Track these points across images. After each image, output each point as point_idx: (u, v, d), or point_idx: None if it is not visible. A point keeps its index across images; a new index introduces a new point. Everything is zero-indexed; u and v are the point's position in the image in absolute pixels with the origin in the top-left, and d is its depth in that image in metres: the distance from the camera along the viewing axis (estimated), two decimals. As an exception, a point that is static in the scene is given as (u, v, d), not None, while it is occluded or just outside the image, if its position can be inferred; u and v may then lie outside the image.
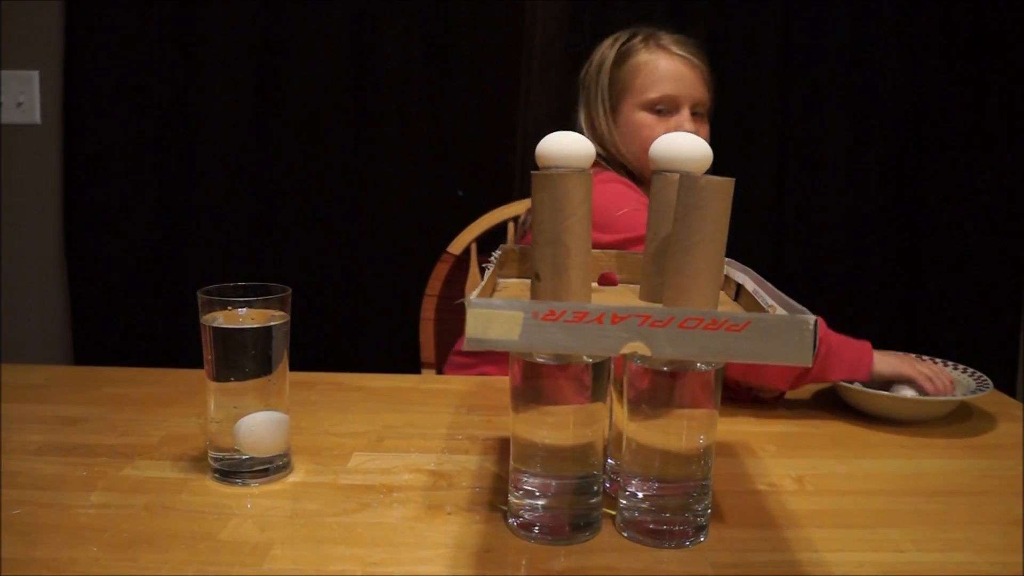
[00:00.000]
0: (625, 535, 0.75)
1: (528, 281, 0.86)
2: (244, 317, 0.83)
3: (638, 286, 0.85)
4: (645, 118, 1.38)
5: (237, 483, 0.83)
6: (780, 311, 0.68)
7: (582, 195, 0.69)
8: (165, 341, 1.98)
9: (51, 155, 2.02)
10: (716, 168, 0.77)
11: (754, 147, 2.00)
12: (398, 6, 1.93)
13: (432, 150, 1.91)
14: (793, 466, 0.93)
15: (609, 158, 1.42)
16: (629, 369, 0.73)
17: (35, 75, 2.00)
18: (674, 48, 1.40)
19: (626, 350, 0.62)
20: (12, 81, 2.00)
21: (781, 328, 0.62)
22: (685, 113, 1.38)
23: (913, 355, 1.17)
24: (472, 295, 0.65)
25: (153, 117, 1.97)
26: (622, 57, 1.41)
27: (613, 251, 0.91)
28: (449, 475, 0.87)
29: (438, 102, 1.96)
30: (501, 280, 0.87)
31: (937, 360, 1.18)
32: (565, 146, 0.70)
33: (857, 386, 1.09)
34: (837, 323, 1.12)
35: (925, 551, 0.75)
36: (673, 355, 0.63)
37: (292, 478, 0.86)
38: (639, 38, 1.41)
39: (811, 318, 0.62)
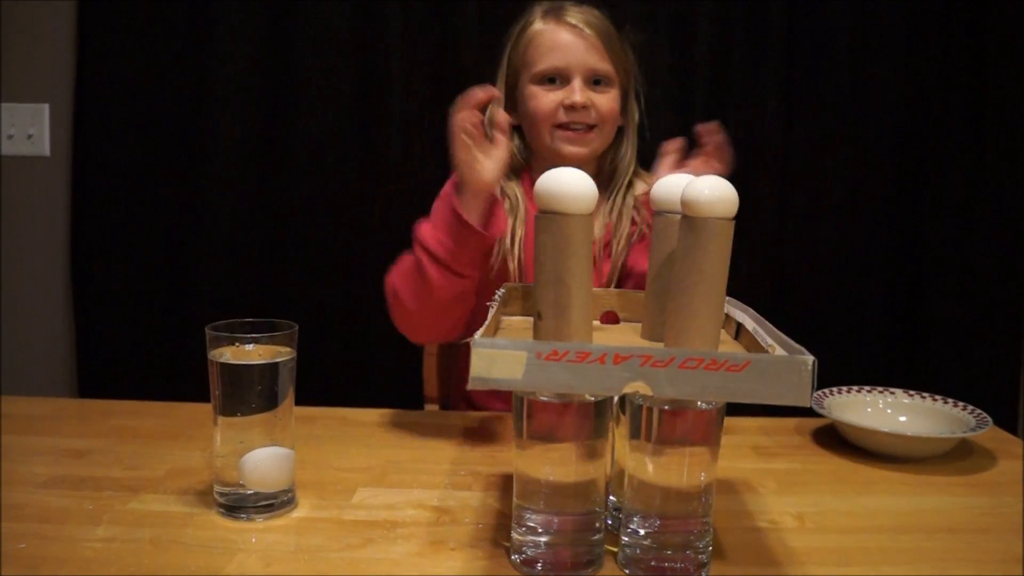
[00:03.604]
0: (627, 572, 0.75)
1: (530, 319, 0.88)
2: (251, 353, 0.84)
3: (639, 324, 0.87)
4: (535, 90, 1.33)
5: (242, 518, 0.84)
6: (780, 351, 0.69)
7: (584, 236, 0.70)
8: (170, 373, 1.98)
9: (60, 187, 2.04)
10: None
11: (754, 180, 2.01)
12: (406, 41, 1.96)
13: (438, 185, 1.92)
14: (794, 503, 0.93)
15: None
16: (630, 406, 0.74)
17: (45, 108, 2.03)
18: (569, 18, 1.33)
19: (628, 390, 0.63)
20: (23, 113, 2.03)
21: (780, 369, 0.63)
22: (576, 83, 1.30)
23: None
24: (476, 334, 0.66)
25: (161, 150, 1.99)
26: (520, 32, 1.37)
27: (615, 290, 0.92)
28: (452, 511, 0.88)
29: (444, 136, 1.97)
30: (504, 318, 0.88)
31: (937, 397, 1.19)
32: (565, 184, 0.71)
33: (856, 423, 1.10)
34: (837, 358, 1.13)
35: (925, 590, 0.76)
36: (674, 395, 0.64)
37: (297, 513, 0.86)
38: (539, 10, 1.37)
39: (809, 359, 0.63)
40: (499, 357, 0.63)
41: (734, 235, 0.71)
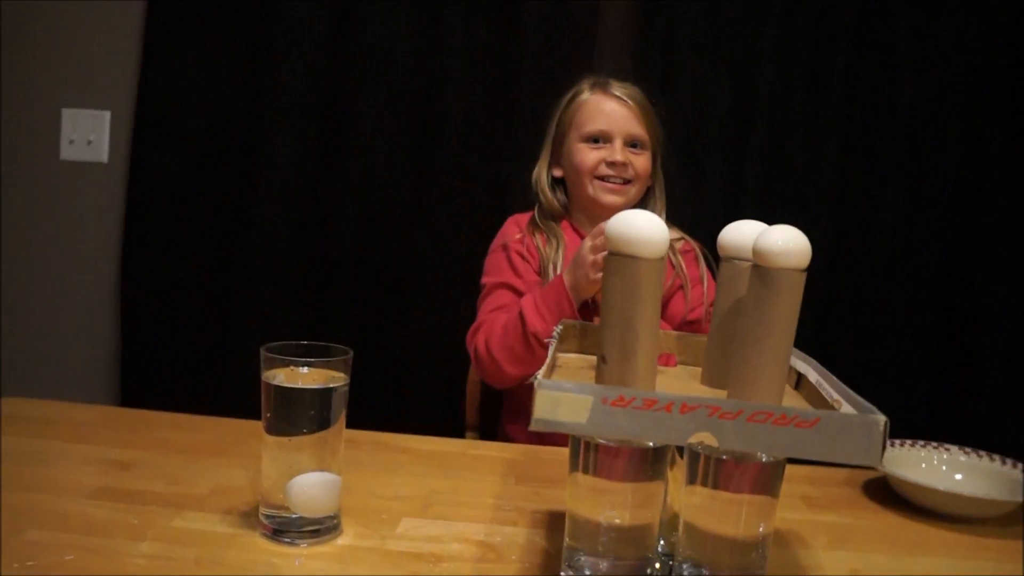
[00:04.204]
0: (676, 623, 0.73)
1: (586, 356, 0.87)
2: (305, 376, 0.84)
3: (697, 368, 0.85)
4: (581, 147, 1.56)
5: (286, 542, 0.83)
6: (846, 406, 0.67)
7: (654, 281, 0.69)
8: (212, 386, 1.99)
9: (115, 194, 2.06)
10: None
11: (808, 224, 1.99)
12: (464, 62, 1.96)
13: (491, 210, 1.92)
14: (846, 559, 0.91)
15: (543, 201, 1.62)
16: (689, 452, 0.72)
17: (106, 115, 2.06)
18: (613, 90, 1.58)
19: (693, 439, 0.62)
20: (84, 119, 2.06)
21: (851, 428, 0.62)
22: (617, 144, 1.54)
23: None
24: (539, 374, 0.65)
25: (217, 162, 2.01)
26: (571, 100, 1.61)
27: (674, 332, 0.91)
28: (498, 548, 0.86)
29: (499, 161, 1.98)
30: (560, 355, 0.87)
31: (995, 457, 1.16)
32: (638, 227, 0.70)
33: (910, 478, 1.07)
34: (890, 410, 1.09)
35: (984, 662, 0.73)
36: (739, 448, 0.63)
37: (341, 540, 0.85)
38: (588, 83, 1.61)
39: (881, 419, 0.62)
40: (564, 400, 0.62)
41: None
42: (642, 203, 1.60)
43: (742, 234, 0.79)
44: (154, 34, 2.00)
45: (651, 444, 0.70)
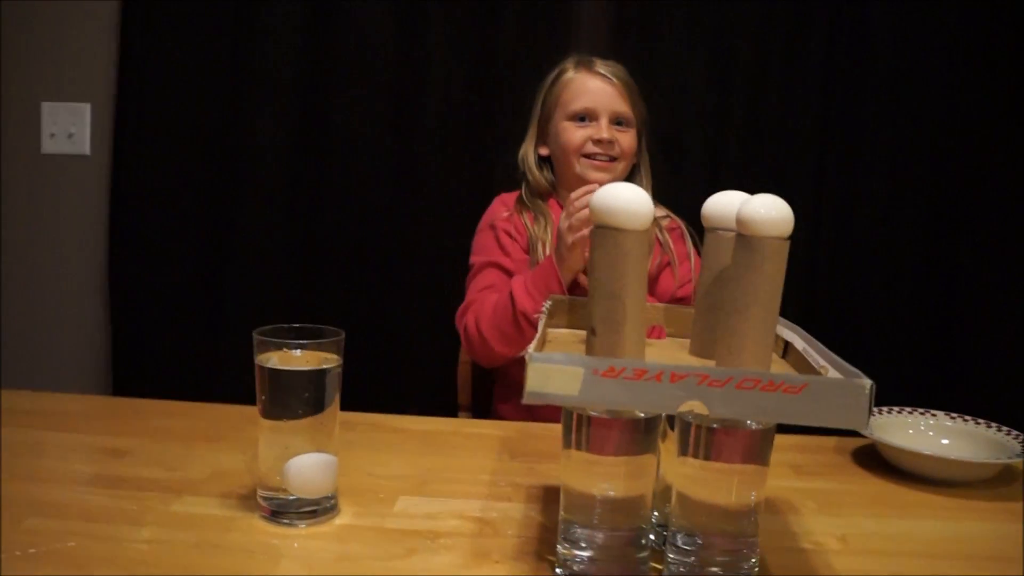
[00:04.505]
0: (672, 590, 0.75)
1: (577, 331, 0.88)
2: (298, 359, 0.85)
3: (686, 340, 0.86)
4: (568, 125, 1.57)
5: (285, 523, 0.84)
6: (833, 372, 0.69)
7: (640, 253, 0.70)
8: (202, 373, 1.99)
9: (99, 186, 2.06)
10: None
11: (789, 196, 2.00)
12: (444, 49, 1.97)
13: (476, 192, 1.93)
14: (836, 525, 0.92)
15: (531, 179, 1.62)
16: (680, 423, 0.74)
17: (87, 107, 2.05)
18: (598, 68, 1.58)
19: (683, 408, 0.63)
20: (64, 113, 2.05)
21: (838, 392, 0.63)
22: (603, 122, 1.55)
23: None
24: (530, 348, 0.66)
25: (200, 151, 2.01)
26: (556, 79, 1.61)
27: (662, 305, 0.92)
28: (494, 523, 0.87)
29: (481, 142, 1.99)
30: (550, 330, 0.88)
31: (980, 421, 1.18)
32: (622, 199, 0.71)
33: (898, 444, 1.09)
34: (877, 377, 1.10)
35: (972, 618, 0.75)
36: (729, 415, 0.64)
37: (339, 520, 0.86)
38: (571, 62, 1.61)
39: (867, 382, 0.63)
40: (555, 372, 0.62)
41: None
42: (628, 180, 1.57)
43: (725, 204, 0.80)
44: (131, 25, 2.00)
45: (642, 415, 0.71)
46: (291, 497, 0.85)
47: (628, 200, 0.70)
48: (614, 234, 0.70)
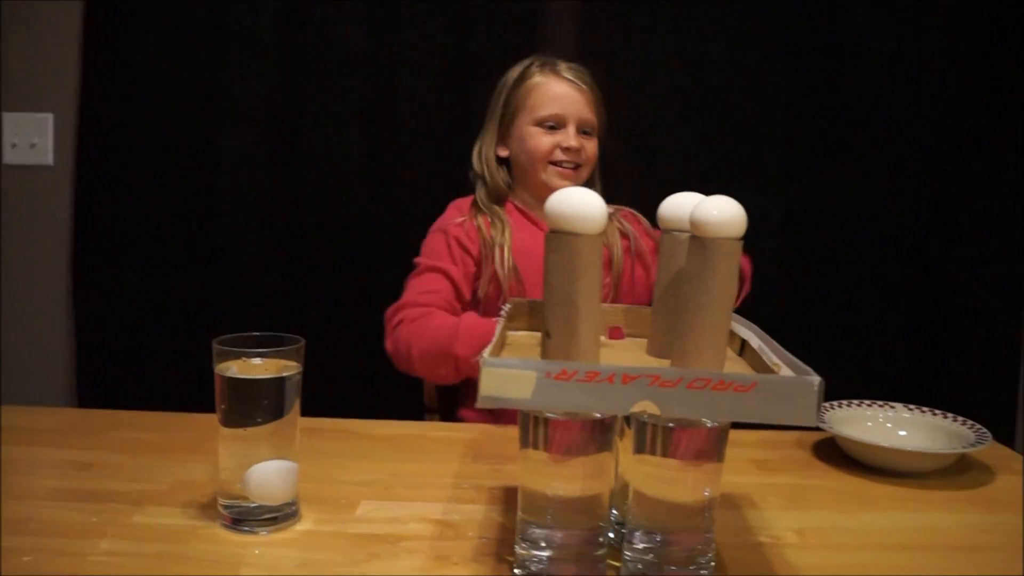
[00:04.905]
0: (630, 588, 0.76)
1: (537, 334, 0.88)
2: (258, 367, 0.85)
3: (645, 340, 0.87)
4: (535, 131, 1.55)
5: (246, 531, 0.84)
6: (785, 370, 0.70)
7: (593, 256, 0.71)
8: (170, 385, 1.98)
9: (63, 197, 2.04)
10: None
11: (758, 190, 2.02)
12: (417, 56, 1.96)
13: (446, 196, 1.93)
14: (795, 519, 0.94)
15: (488, 181, 1.60)
16: (635, 421, 0.74)
17: (49, 118, 2.03)
18: (565, 73, 1.57)
19: (636, 409, 0.64)
20: (27, 123, 2.03)
21: (787, 390, 0.64)
22: (571, 130, 1.54)
23: None
24: (485, 353, 0.66)
25: (166, 161, 1.99)
26: (520, 80, 1.58)
27: (621, 306, 0.93)
28: (456, 525, 0.88)
29: (452, 147, 1.99)
30: (510, 333, 0.89)
31: (937, 412, 1.20)
32: (576, 204, 0.72)
33: (856, 437, 1.10)
34: (837, 372, 1.12)
35: (926, 607, 0.76)
36: (681, 415, 0.65)
37: (300, 526, 0.87)
38: (536, 64, 1.59)
39: (816, 380, 0.64)
40: (509, 376, 0.63)
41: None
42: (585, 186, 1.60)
43: (680, 206, 0.81)
44: (94, 33, 1.97)
45: (598, 415, 0.72)
46: (252, 505, 0.85)
47: (581, 204, 0.71)
48: (568, 239, 0.71)
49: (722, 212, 0.72)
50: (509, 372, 0.64)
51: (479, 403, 0.65)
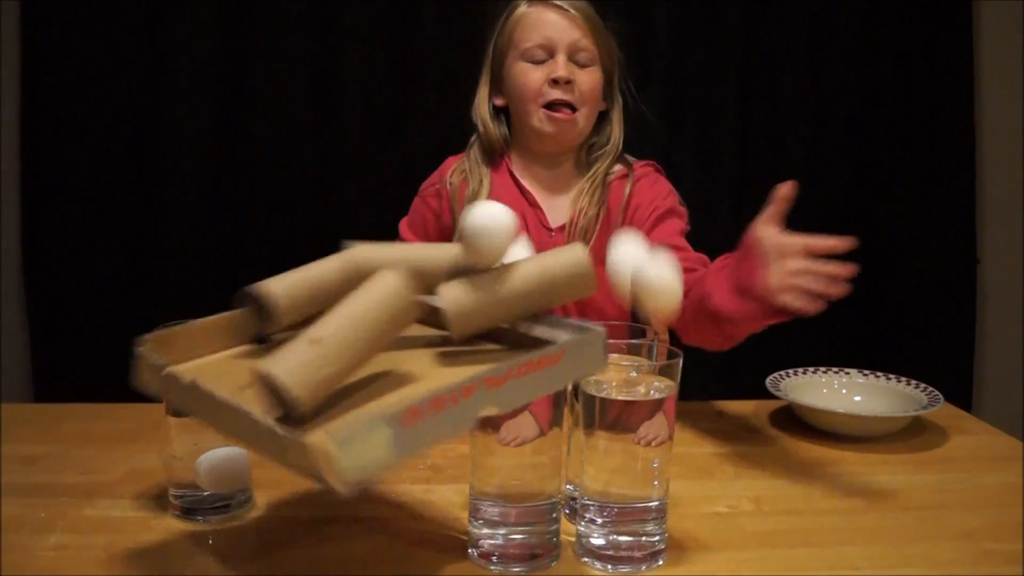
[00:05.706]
0: (584, 561, 0.76)
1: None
2: (204, 354, 0.84)
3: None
4: (523, 66, 1.38)
5: (198, 520, 0.83)
6: (562, 336, 0.73)
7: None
8: (127, 375, 1.95)
9: (9, 189, 1.99)
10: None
11: (714, 162, 2.02)
12: (363, 29, 1.94)
13: (398, 177, 1.92)
14: (751, 487, 0.94)
15: (482, 134, 1.43)
16: (583, 396, 0.74)
17: (-9, 109, 1.99)
18: (555, 0, 1.39)
19: (483, 414, 0.63)
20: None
21: (587, 346, 0.69)
22: (560, 58, 1.35)
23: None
24: (312, 438, 0.59)
25: (114, 144, 1.95)
26: (507, 18, 1.42)
27: None
28: (411, 505, 0.88)
29: (403, 126, 1.97)
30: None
31: (891, 377, 1.21)
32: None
33: (810, 403, 1.11)
34: (793, 340, 1.12)
35: (880, 568, 0.77)
36: (518, 404, 0.66)
37: (254, 513, 0.86)
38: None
39: (602, 330, 0.70)
40: (363, 447, 0.57)
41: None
42: (597, 129, 1.43)
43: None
44: (33, 16, 1.92)
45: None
46: (203, 493, 0.84)
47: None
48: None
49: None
50: (362, 443, 0.57)
51: (346, 491, 0.57)
